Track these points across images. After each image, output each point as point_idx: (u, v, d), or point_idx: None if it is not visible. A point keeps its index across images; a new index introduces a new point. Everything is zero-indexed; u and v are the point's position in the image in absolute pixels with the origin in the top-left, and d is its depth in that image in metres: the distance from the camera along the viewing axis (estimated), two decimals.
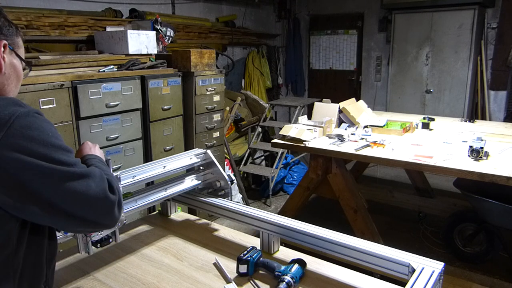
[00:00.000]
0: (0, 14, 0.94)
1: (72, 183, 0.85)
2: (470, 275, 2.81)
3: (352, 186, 2.93)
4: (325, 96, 4.05)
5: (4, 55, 0.93)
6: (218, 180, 1.75)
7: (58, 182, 0.83)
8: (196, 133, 3.44)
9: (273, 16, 6.71)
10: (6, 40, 0.93)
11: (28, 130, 0.80)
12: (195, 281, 1.32)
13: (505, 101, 5.15)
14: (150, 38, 3.19)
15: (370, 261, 1.23)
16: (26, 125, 0.80)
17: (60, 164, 0.84)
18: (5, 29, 0.94)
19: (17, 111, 0.81)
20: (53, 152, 0.83)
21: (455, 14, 4.93)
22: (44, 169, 0.81)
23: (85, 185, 0.87)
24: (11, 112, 0.80)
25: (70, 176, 0.85)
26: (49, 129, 0.85)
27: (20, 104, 0.84)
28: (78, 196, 0.85)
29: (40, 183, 0.81)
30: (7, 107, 0.81)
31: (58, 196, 0.84)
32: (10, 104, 0.82)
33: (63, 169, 0.84)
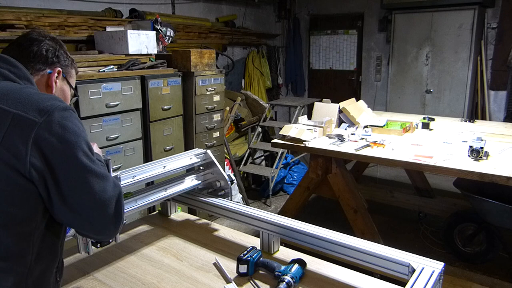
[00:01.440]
0: (61, 48, 1.17)
1: (92, 179, 0.93)
2: (470, 275, 2.81)
3: (352, 186, 2.93)
4: (325, 96, 4.05)
5: (57, 80, 1.13)
6: (218, 180, 1.75)
7: (81, 172, 0.92)
8: (196, 133, 3.44)
9: (273, 16, 6.71)
10: (61, 68, 1.14)
11: (64, 120, 0.92)
12: (195, 281, 1.32)
13: (505, 101, 5.15)
14: (150, 38, 3.18)
15: (370, 261, 1.23)
16: (63, 116, 0.92)
17: (86, 157, 0.93)
18: (62, 59, 1.15)
19: (57, 104, 0.93)
20: (83, 144, 0.94)
21: (455, 14, 4.93)
22: (71, 156, 0.91)
23: (103, 186, 0.95)
24: (52, 104, 0.92)
25: (92, 172, 0.93)
26: (81, 125, 0.97)
27: (60, 100, 0.97)
28: (93, 194, 0.93)
29: (64, 168, 0.90)
30: (50, 100, 0.94)
31: (75, 187, 0.91)
32: (52, 98, 0.96)
33: (87, 163, 0.93)
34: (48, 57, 1.12)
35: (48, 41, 1.13)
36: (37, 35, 1.13)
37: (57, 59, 1.14)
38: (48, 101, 0.93)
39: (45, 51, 1.11)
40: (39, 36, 1.13)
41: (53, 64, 1.12)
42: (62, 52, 1.16)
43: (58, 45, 1.16)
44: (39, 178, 0.88)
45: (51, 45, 1.13)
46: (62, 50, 1.16)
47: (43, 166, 0.88)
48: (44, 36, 1.14)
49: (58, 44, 1.16)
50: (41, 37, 1.13)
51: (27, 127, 0.88)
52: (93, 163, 0.94)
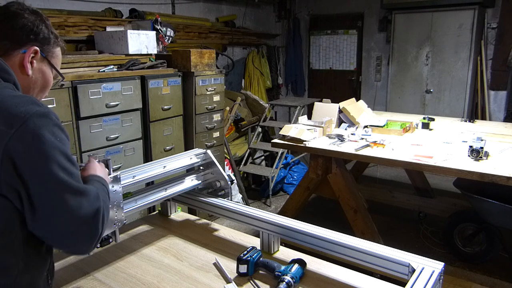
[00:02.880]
0: (42, 22, 1.01)
1: (67, 195, 0.86)
2: (470, 275, 2.81)
3: (352, 186, 2.93)
4: (325, 96, 4.05)
5: (34, 60, 0.99)
6: (218, 180, 1.75)
7: (55, 187, 0.85)
8: (196, 133, 3.44)
9: (273, 16, 6.71)
10: (39, 47, 1.00)
11: (39, 129, 0.84)
12: (195, 281, 1.32)
13: (505, 101, 5.15)
14: (150, 38, 3.18)
15: (370, 261, 1.23)
16: (38, 124, 0.84)
17: (62, 170, 0.86)
18: (41, 36, 1.01)
19: (34, 109, 0.85)
20: (58, 156, 0.86)
21: (455, 14, 4.93)
22: (45, 170, 0.84)
23: (78, 201, 0.87)
24: (28, 110, 0.84)
25: (67, 187, 0.86)
26: (59, 135, 0.88)
27: (38, 104, 0.87)
28: (67, 211, 0.86)
29: (37, 182, 0.83)
30: (25, 105, 0.85)
31: (49, 203, 0.84)
32: (28, 102, 0.86)
33: (63, 178, 0.85)
34: (23, 34, 0.98)
35: (27, 14, 0.99)
36: (16, 7, 0.99)
37: (34, 35, 0.99)
38: (22, 106, 0.84)
39: (20, 27, 0.97)
40: (17, 10, 0.98)
41: (28, 42, 0.98)
42: (42, 27, 1.01)
43: (39, 19, 1.01)
44: (12, 192, 0.83)
45: (30, 19, 0.99)
46: (43, 25, 1.01)
47: (16, 180, 0.82)
48: (23, 9, 0.99)
49: (39, 18, 1.01)
50: (19, 10, 0.98)
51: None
52: (70, 177, 0.87)
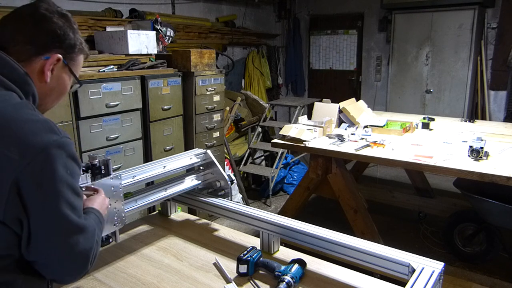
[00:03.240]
0: (70, 28, 0.97)
1: (67, 231, 0.86)
2: (470, 275, 2.81)
3: (352, 186, 2.93)
4: (325, 96, 4.05)
5: (55, 67, 0.96)
6: (218, 180, 1.75)
7: (57, 223, 0.85)
8: (196, 133, 3.44)
9: (273, 16, 6.71)
10: (62, 54, 0.96)
11: (53, 163, 0.82)
12: (195, 281, 1.32)
13: (505, 101, 5.15)
14: (150, 38, 3.18)
15: (370, 261, 1.23)
16: (52, 158, 0.82)
17: (67, 206, 0.85)
18: (67, 43, 0.96)
19: (50, 139, 0.83)
20: (66, 191, 0.85)
21: (455, 14, 4.93)
22: (51, 205, 0.83)
23: (76, 238, 0.87)
24: (44, 140, 0.82)
25: (68, 223, 0.86)
26: (71, 167, 0.87)
27: (55, 131, 0.85)
28: (64, 247, 0.86)
29: (40, 215, 0.83)
30: (42, 133, 0.82)
31: (47, 235, 0.84)
32: (46, 129, 0.84)
33: (67, 214, 0.85)
34: (49, 40, 0.94)
35: (56, 19, 0.94)
36: (45, 9, 0.93)
37: (59, 42, 0.95)
38: (39, 134, 0.82)
39: (47, 33, 0.93)
40: (46, 12, 0.93)
41: (53, 49, 0.95)
42: (69, 33, 0.97)
43: (67, 24, 0.96)
44: (14, 220, 0.82)
45: (58, 24, 0.94)
46: (70, 30, 0.97)
47: (21, 210, 0.81)
48: (52, 12, 0.94)
49: (67, 23, 0.96)
50: (48, 13, 0.93)
51: (9, 169, 0.78)
52: (73, 212, 0.87)
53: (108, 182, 1.27)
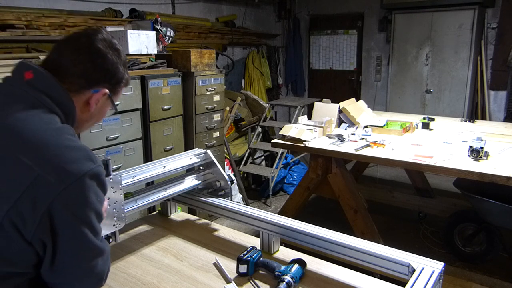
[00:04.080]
0: (121, 63, 1.02)
1: (88, 256, 0.91)
2: (470, 275, 2.81)
3: (352, 186, 2.93)
4: (325, 96, 4.05)
5: (100, 99, 1.01)
6: (218, 180, 1.75)
7: (81, 247, 0.89)
8: (196, 133, 3.44)
9: (273, 16, 6.71)
10: (109, 89, 1.01)
11: (86, 191, 0.86)
12: (195, 281, 1.32)
13: (505, 101, 5.15)
14: (150, 38, 3.18)
15: (370, 261, 1.23)
16: (87, 187, 0.86)
17: (92, 231, 0.90)
18: (116, 77, 1.02)
19: (87, 168, 0.86)
20: (92, 218, 0.90)
21: (455, 14, 4.93)
22: (78, 231, 0.87)
23: (96, 261, 0.93)
24: (82, 168, 0.85)
25: (91, 248, 0.91)
26: (100, 194, 0.92)
27: (92, 160, 0.89)
28: (84, 269, 0.91)
29: (66, 240, 0.86)
30: (80, 161, 0.86)
31: (71, 259, 0.89)
32: (84, 158, 0.88)
33: (91, 239, 0.90)
34: (102, 77, 0.99)
35: (110, 55, 0.98)
36: (102, 45, 0.97)
37: (110, 78, 1.00)
38: (77, 162, 0.85)
39: (100, 69, 0.98)
40: (102, 47, 0.97)
41: (103, 83, 1.00)
42: (120, 69, 1.02)
43: (119, 60, 1.01)
44: (39, 241, 0.85)
45: (112, 61, 0.99)
46: (121, 66, 1.02)
47: (49, 236, 0.84)
48: (107, 47, 0.98)
49: (119, 59, 1.01)
50: (104, 49, 0.97)
51: (46, 194, 0.81)
52: (96, 236, 0.91)
53: (108, 182, 1.27)
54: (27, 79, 0.91)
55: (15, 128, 0.85)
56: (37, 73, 0.92)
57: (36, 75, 0.91)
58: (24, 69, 0.92)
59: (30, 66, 0.92)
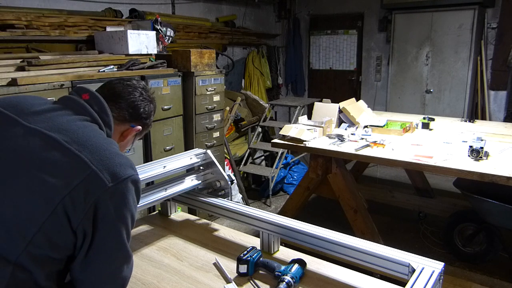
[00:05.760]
0: (154, 111, 1.25)
1: (119, 255, 1.00)
2: (470, 275, 2.81)
3: (352, 186, 2.93)
4: (325, 96, 4.05)
5: (131, 134, 1.21)
6: (218, 180, 1.75)
7: (115, 245, 0.99)
8: (196, 133, 3.44)
9: (273, 16, 6.71)
10: (142, 127, 1.23)
11: (128, 193, 0.99)
12: (195, 281, 1.32)
13: (505, 101, 5.15)
14: (150, 38, 3.18)
15: (370, 261, 1.23)
16: (128, 189, 0.99)
17: (126, 233, 1.01)
18: (149, 120, 1.24)
19: (130, 173, 1.00)
20: (128, 219, 1.01)
21: (455, 14, 4.93)
22: (115, 228, 0.97)
23: (122, 265, 1.02)
24: (127, 172, 0.99)
25: (122, 250, 1.01)
26: (137, 199, 1.04)
27: (133, 168, 1.03)
28: (112, 268, 1.00)
29: (103, 234, 0.96)
30: (126, 167, 0.99)
31: (103, 256, 0.97)
32: (128, 165, 1.01)
33: (124, 240, 1.00)
34: (142, 116, 1.20)
35: (152, 102, 1.23)
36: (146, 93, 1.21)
37: (145, 120, 1.22)
38: (124, 167, 0.98)
39: (143, 111, 1.19)
40: (147, 96, 1.21)
41: (140, 121, 1.21)
42: (152, 116, 1.26)
43: (154, 109, 1.26)
44: (82, 232, 0.94)
45: (151, 108, 1.23)
46: (153, 113, 1.26)
47: (90, 226, 0.93)
48: (151, 98, 1.24)
49: (154, 108, 1.26)
50: (148, 97, 1.22)
51: (97, 188, 0.93)
52: (128, 241, 1.02)
53: None
54: (85, 99, 1.08)
55: (74, 131, 0.99)
56: (92, 96, 1.09)
57: (91, 97, 1.09)
58: (81, 92, 1.10)
59: (87, 90, 1.10)
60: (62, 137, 0.96)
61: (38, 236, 0.89)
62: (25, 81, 2.25)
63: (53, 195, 0.90)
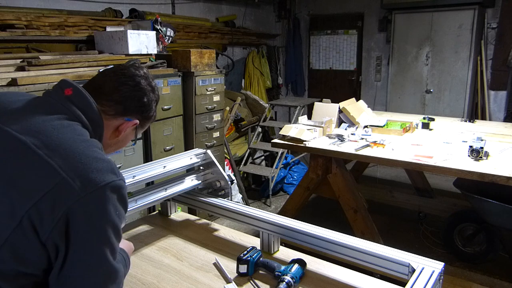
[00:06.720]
0: (155, 101, 1.12)
1: (99, 272, 0.89)
2: (470, 275, 2.81)
3: (352, 186, 2.93)
4: (325, 96, 4.05)
5: (128, 128, 1.09)
6: (218, 180, 1.75)
7: (93, 261, 0.88)
8: (196, 133, 3.44)
9: (273, 16, 6.71)
10: (139, 120, 1.10)
11: (106, 202, 0.88)
12: (195, 281, 1.32)
13: (505, 101, 5.15)
14: (150, 38, 3.18)
15: (370, 261, 1.23)
16: (107, 197, 0.88)
17: (108, 247, 0.89)
18: (147, 113, 1.11)
19: (110, 179, 0.89)
20: (109, 232, 0.89)
21: (455, 14, 4.93)
22: (92, 244, 0.88)
23: (106, 281, 0.91)
24: (105, 179, 0.88)
25: (105, 265, 0.89)
26: (120, 209, 0.92)
27: (115, 173, 0.92)
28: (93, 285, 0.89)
29: (78, 250, 0.86)
30: (104, 172, 0.89)
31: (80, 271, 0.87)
32: (108, 169, 0.91)
33: (105, 255, 0.89)
34: (138, 109, 1.08)
35: (148, 92, 1.09)
36: (144, 84, 1.08)
37: (143, 111, 1.10)
38: (101, 173, 0.88)
39: (140, 104, 1.07)
40: (143, 80, 1.07)
41: (137, 114, 1.09)
42: (153, 106, 1.13)
43: (155, 98, 1.12)
44: (53, 246, 0.86)
45: (150, 98, 1.10)
46: (154, 104, 1.13)
47: (63, 240, 0.85)
48: (147, 84, 1.09)
49: (154, 97, 1.12)
50: (146, 87, 1.08)
51: (67, 197, 0.84)
52: (111, 254, 0.91)
53: None
54: (67, 95, 0.99)
55: (48, 133, 0.90)
56: (76, 91, 0.99)
57: (75, 92, 0.99)
58: (64, 86, 1.00)
59: (71, 84, 1.00)
60: (33, 140, 0.88)
61: (3, 251, 0.83)
62: (25, 81, 2.25)
63: (17, 207, 0.83)
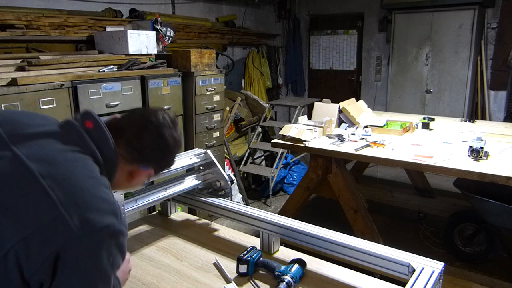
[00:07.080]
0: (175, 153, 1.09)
1: None
2: (470, 275, 2.81)
3: (352, 186, 2.93)
4: (325, 96, 4.05)
5: (142, 175, 1.06)
6: (218, 180, 1.75)
7: None
8: (196, 133, 3.44)
9: (273, 16, 6.71)
10: (154, 170, 1.07)
11: (100, 247, 0.83)
12: (195, 281, 1.32)
13: (505, 101, 5.15)
14: (150, 38, 3.18)
15: (370, 261, 1.23)
16: (102, 242, 0.83)
17: None
18: (165, 164, 1.09)
19: (109, 222, 0.84)
20: (98, 281, 0.85)
21: (455, 14, 4.93)
22: None
23: None
24: (104, 221, 0.83)
25: None
26: (115, 256, 0.87)
27: (117, 216, 0.87)
28: None
29: None
30: (105, 214, 0.84)
31: None
32: (109, 212, 0.86)
33: None
34: (155, 159, 1.05)
35: (171, 146, 1.05)
36: (168, 134, 1.03)
37: (161, 163, 1.08)
38: (102, 214, 0.84)
39: (157, 153, 1.04)
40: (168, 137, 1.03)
41: (153, 164, 1.06)
42: (171, 159, 1.10)
43: (175, 150, 1.09)
44: (37, 283, 0.80)
45: (170, 151, 1.07)
46: (174, 155, 1.10)
47: (48, 279, 0.80)
48: (170, 135, 1.04)
49: (174, 150, 1.09)
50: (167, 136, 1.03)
51: (60, 234, 0.79)
52: None
53: None
54: (87, 127, 0.96)
55: (58, 164, 0.86)
56: (97, 125, 0.96)
57: (95, 126, 0.96)
58: (86, 118, 0.97)
59: (93, 117, 0.97)
60: (40, 168, 0.83)
61: None
62: (25, 81, 2.25)
63: (6, 238, 0.77)
